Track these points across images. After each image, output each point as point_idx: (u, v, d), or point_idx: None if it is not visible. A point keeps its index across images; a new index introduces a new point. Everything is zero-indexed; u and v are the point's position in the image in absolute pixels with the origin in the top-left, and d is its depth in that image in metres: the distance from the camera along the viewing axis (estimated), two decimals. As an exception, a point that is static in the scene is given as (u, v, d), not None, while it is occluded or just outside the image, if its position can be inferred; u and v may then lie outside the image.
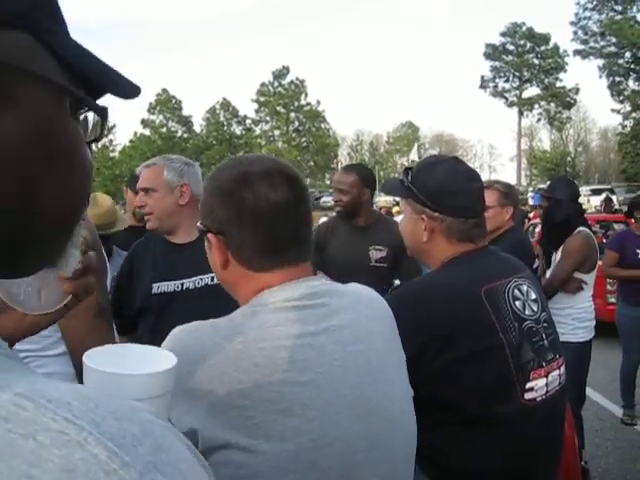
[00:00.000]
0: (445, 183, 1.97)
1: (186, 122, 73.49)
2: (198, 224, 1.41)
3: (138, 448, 0.48)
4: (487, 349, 1.77)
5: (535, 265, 4.11)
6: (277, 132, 74.64)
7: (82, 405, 0.47)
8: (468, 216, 1.98)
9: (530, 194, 21.81)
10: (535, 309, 1.93)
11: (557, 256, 4.66)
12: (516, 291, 1.91)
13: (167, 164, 2.95)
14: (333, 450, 1.21)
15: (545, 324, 1.94)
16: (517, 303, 1.88)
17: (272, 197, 1.31)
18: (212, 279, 2.74)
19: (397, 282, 4.16)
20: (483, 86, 72.21)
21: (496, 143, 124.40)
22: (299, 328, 1.26)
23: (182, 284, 2.86)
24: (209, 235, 1.37)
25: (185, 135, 72.35)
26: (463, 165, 2.08)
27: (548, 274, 4.68)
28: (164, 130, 71.25)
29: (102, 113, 0.66)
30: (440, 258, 1.99)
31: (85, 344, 2.02)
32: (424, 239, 1.98)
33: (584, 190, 46.91)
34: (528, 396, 1.81)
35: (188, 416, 1.18)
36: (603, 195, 24.53)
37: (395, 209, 10.41)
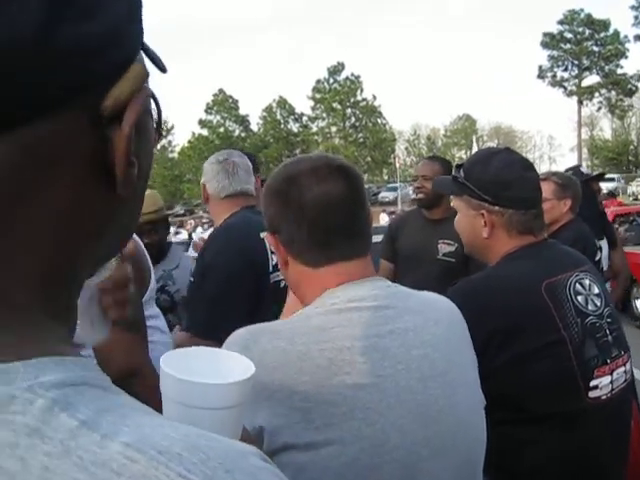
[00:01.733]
0: (501, 174, 1.94)
1: (243, 121, 74.05)
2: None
3: None
4: (548, 345, 1.73)
5: (597, 257, 4.01)
6: (334, 128, 74.51)
7: (192, 456, 0.46)
8: (528, 207, 1.95)
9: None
10: (598, 304, 1.87)
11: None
12: (578, 285, 1.86)
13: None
14: (394, 456, 1.19)
15: (609, 319, 1.88)
16: (579, 298, 1.83)
17: (316, 190, 1.30)
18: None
19: None
20: (541, 76, 70.93)
21: (555, 134, 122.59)
22: (362, 330, 1.25)
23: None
24: (267, 235, 1.41)
25: (242, 134, 72.79)
26: (517, 155, 2.05)
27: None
28: (222, 130, 71.82)
29: (157, 103, 0.64)
30: (500, 253, 1.95)
31: (112, 357, 2.16)
32: (485, 235, 1.95)
33: (648, 178, 45.76)
34: (592, 394, 1.76)
35: (254, 416, 1.16)
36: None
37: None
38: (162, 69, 0.63)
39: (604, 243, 4.60)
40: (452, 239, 3.94)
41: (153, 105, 0.62)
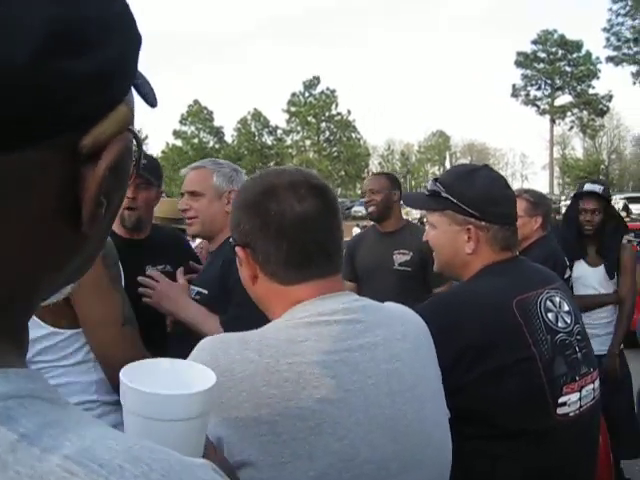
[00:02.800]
0: (488, 191, 1.94)
1: (217, 133, 74.05)
2: (230, 238, 1.41)
3: None
4: (518, 361, 1.73)
5: (566, 275, 4.03)
6: (308, 142, 74.73)
7: (135, 469, 0.45)
8: (510, 223, 1.97)
9: (563, 203, 21.61)
10: (568, 321, 1.88)
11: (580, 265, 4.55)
12: (548, 303, 1.86)
13: (217, 168, 2.83)
14: (363, 471, 1.17)
15: (579, 337, 1.89)
16: (549, 315, 1.83)
17: (298, 208, 1.28)
18: (194, 293, 2.70)
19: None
20: (515, 94, 71.69)
21: (528, 152, 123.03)
22: (331, 344, 1.23)
23: (199, 291, 2.77)
24: (237, 249, 1.36)
25: (216, 146, 72.71)
26: (496, 172, 2.07)
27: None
28: (196, 141, 71.76)
29: (139, 143, 0.61)
30: (477, 269, 1.95)
31: (112, 353, 2.06)
32: (468, 251, 1.94)
33: (617, 198, 46.37)
34: (561, 411, 1.76)
35: (216, 427, 1.14)
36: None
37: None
38: (151, 104, 0.61)
39: (581, 263, 4.57)
40: (407, 248, 4.15)
41: (134, 142, 0.60)
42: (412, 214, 19.63)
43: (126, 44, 0.55)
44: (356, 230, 21.95)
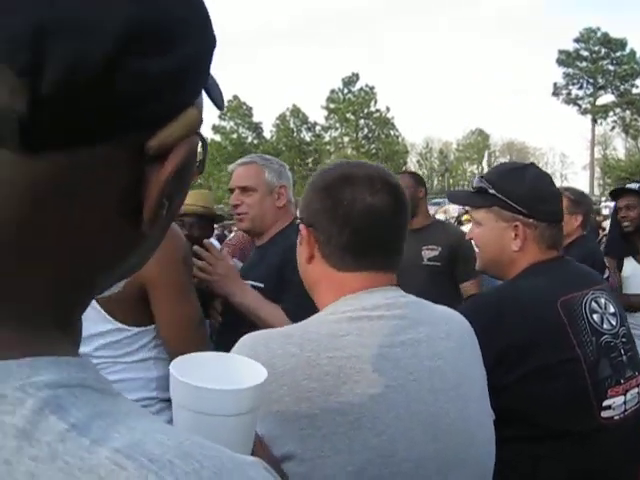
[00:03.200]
0: (537, 188, 1.94)
1: (256, 128, 74.10)
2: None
3: None
4: (562, 362, 1.71)
5: (605, 275, 3.96)
6: (346, 139, 74.50)
7: (185, 465, 0.44)
8: (558, 220, 1.96)
9: (604, 204, 21.41)
10: (614, 323, 1.85)
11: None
12: (594, 304, 1.84)
13: (267, 164, 2.83)
14: (402, 468, 1.17)
15: (624, 339, 1.86)
16: (595, 316, 1.81)
17: (369, 200, 1.30)
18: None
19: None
20: (556, 93, 70.84)
21: (568, 151, 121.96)
22: (372, 339, 1.23)
23: (253, 285, 2.73)
24: (301, 226, 1.39)
25: (255, 141, 72.83)
26: (543, 170, 2.05)
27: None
28: (235, 136, 71.86)
29: (205, 145, 0.61)
30: (522, 267, 1.93)
31: (188, 352, 2.12)
32: (515, 248, 1.92)
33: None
34: (605, 414, 1.73)
35: (261, 421, 1.12)
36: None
37: (465, 217, 10.17)
38: (219, 107, 0.61)
39: (630, 261, 4.52)
40: (435, 244, 4.19)
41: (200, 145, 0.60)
42: (450, 212, 19.53)
43: (201, 45, 0.54)
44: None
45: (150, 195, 0.53)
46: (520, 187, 1.93)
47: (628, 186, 4.58)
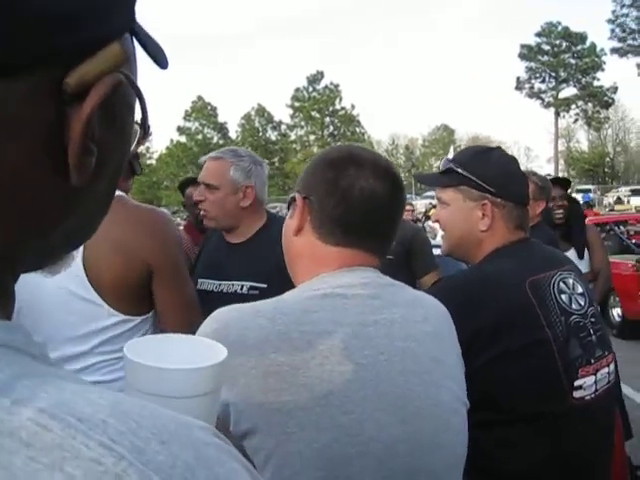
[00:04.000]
0: (505, 169, 1.95)
1: (221, 128, 73.86)
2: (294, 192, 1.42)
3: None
4: (532, 344, 1.70)
5: None
6: (312, 137, 74.53)
7: (120, 425, 0.40)
8: (524, 203, 1.96)
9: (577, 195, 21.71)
10: (582, 303, 1.85)
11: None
12: (562, 284, 1.84)
13: (236, 161, 2.75)
14: (370, 449, 1.15)
15: (592, 319, 1.86)
16: (563, 297, 1.81)
17: (371, 183, 1.32)
18: (247, 288, 2.67)
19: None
20: (519, 87, 71.42)
21: (533, 145, 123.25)
22: (345, 316, 1.22)
23: (219, 285, 2.76)
24: (297, 196, 1.37)
25: (221, 142, 72.38)
26: (508, 153, 2.07)
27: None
28: (200, 137, 71.61)
29: (140, 96, 0.57)
30: (490, 249, 1.92)
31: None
32: (482, 227, 1.91)
33: (623, 190, 46.22)
34: (577, 394, 1.73)
35: (224, 393, 1.09)
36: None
37: (432, 211, 10.15)
38: (161, 65, 0.58)
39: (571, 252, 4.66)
40: None
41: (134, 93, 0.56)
42: (418, 208, 19.50)
43: None
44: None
45: (72, 137, 0.48)
46: (488, 167, 1.93)
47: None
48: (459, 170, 1.94)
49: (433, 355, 1.29)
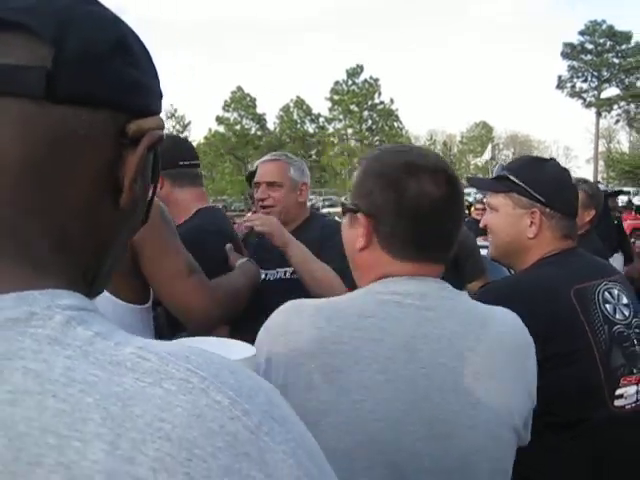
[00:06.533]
0: (556, 179, 1.98)
1: (260, 120, 73.71)
2: (347, 202, 1.42)
3: (254, 398, 0.54)
4: (575, 351, 1.73)
5: None
6: (350, 130, 74.10)
7: (199, 358, 0.54)
8: (573, 214, 2.00)
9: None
10: (626, 314, 1.86)
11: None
12: (606, 294, 1.85)
13: (291, 162, 3.07)
14: (396, 459, 1.18)
15: (637, 330, 1.86)
16: (607, 306, 1.82)
17: (434, 194, 1.29)
18: (289, 273, 2.87)
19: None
20: (560, 86, 70.53)
21: (572, 144, 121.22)
22: (395, 326, 1.24)
23: (266, 273, 2.93)
24: (359, 215, 1.35)
25: (259, 133, 72.57)
26: (562, 166, 2.10)
27: None
28: (238, 127, 71.60)
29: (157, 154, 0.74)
30: (537, 256, 1.95)
31: (187, 305, 2.12)
32: (529, 235, 1.95)
33: (663, 193, 45.34)
34: (618, 403, 1.74)
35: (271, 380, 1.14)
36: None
37: (472, 208, 10.08)
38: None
39: (618, 257, 4.58)
40: None
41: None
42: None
43: (156, 82, 0.72)
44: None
45: (128, 168, 0.65)
46: (540, 177, 1.97)
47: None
48: (512, 177, 1.99)
49: (479, 376, 1.27)
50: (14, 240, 0.59)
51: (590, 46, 68.58)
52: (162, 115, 0.72)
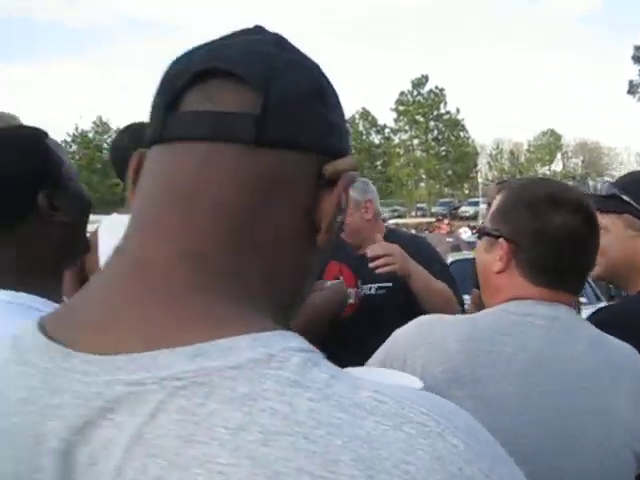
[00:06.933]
0: None
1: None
2: (489, 227, 1.47)
3: (481, 441, 0.56)
4: None
5: None
6: (416, 141, 73.74)
7: (425, 402, 0.55)
8: None
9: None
10: None
11: None
12: None
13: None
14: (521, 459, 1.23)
15: None
16: None
17: (575, 227, 1.36)
18: (375, 289, 3.02)
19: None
20: (631, 91, 68.73)
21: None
22: (528, 342, 1.32)
23: (380, 286, 3.06)
24: (500, 240, 1.41)
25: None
26: None
27: None
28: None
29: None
30: None
31: None
32: None
33: None
34: None
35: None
36: None
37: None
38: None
39: None
40: None
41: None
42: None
43: (343, 120, 0.74)
44: (466, 230, 21.41)
45: (327, 209, 0.67)
46: None
47: None
48: (624, 197, 1.93)
49: (606, 397, 1.33)
50: (234, 282, 0.62)
51: (662, 50, 66.94)
52: None
